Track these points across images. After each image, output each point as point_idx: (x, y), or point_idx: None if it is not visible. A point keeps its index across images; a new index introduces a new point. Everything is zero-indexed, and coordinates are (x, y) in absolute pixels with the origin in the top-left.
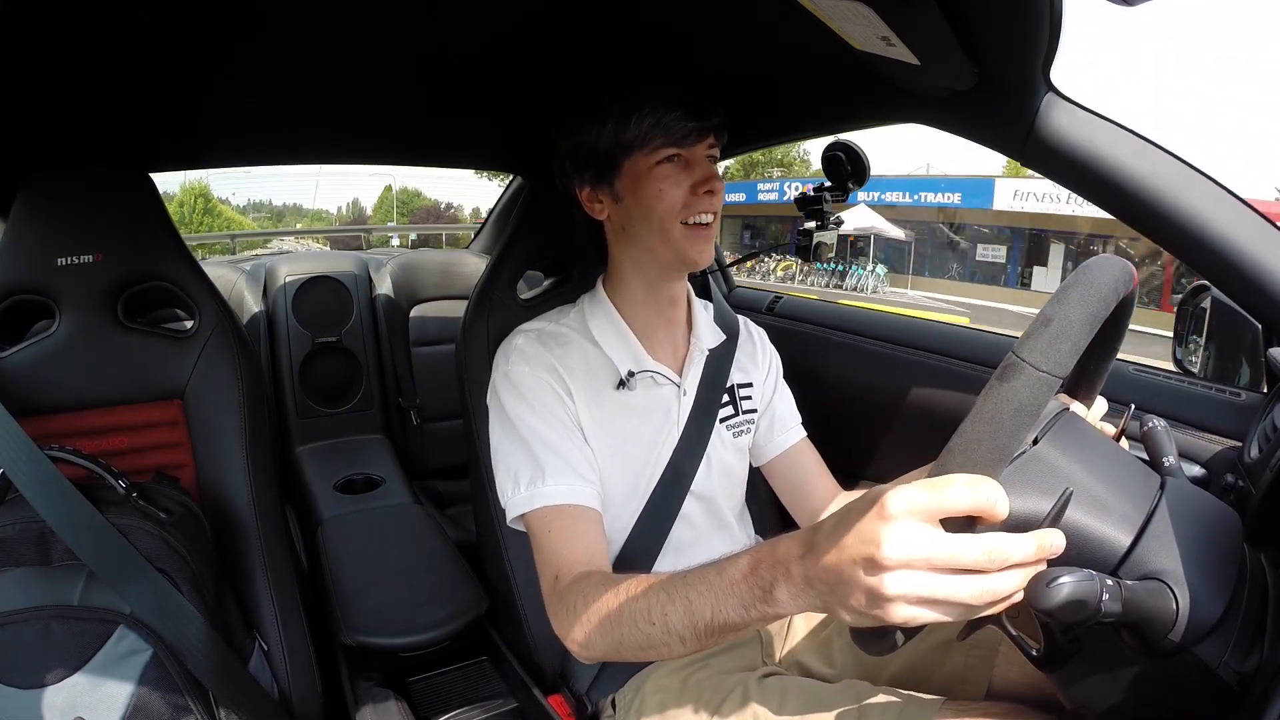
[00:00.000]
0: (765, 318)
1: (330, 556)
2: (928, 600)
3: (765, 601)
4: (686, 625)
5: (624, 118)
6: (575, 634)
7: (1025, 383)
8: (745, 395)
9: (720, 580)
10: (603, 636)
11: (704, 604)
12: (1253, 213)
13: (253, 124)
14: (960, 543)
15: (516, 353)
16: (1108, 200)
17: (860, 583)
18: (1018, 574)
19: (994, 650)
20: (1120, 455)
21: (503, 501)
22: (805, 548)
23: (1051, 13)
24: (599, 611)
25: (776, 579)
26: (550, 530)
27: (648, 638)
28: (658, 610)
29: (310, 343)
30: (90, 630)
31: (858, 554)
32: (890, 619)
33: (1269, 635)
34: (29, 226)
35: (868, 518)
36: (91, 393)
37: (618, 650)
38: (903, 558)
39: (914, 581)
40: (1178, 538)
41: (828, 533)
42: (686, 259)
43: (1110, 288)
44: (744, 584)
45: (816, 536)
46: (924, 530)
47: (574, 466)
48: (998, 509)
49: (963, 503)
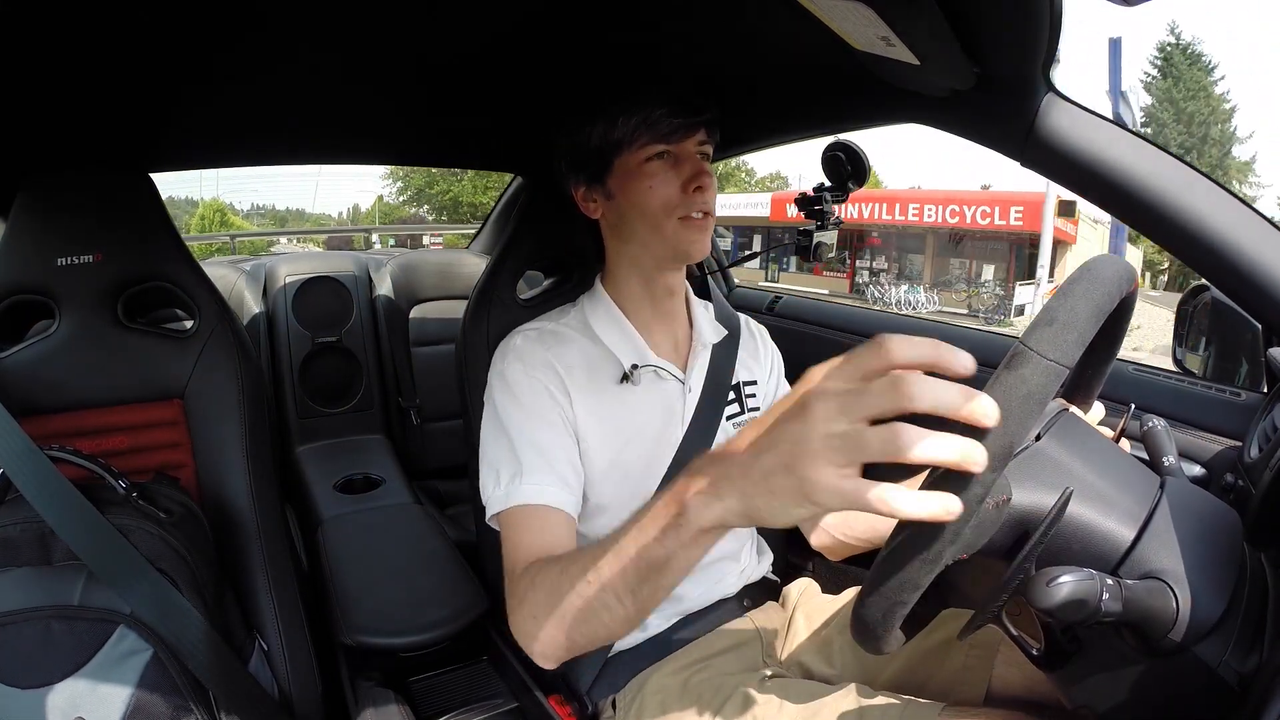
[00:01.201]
0: (765, 317)
1: (330, 556)
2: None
3: (678, 515)
4: (617, 573)
5: (613, 117)
6: (524, 625)
7: (1034, 371)
8: (750, 393)
9: (644, 513)
10: (547, 615)
11: (629, 543)
12: (1253, 213)
13: (253, 124)
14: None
15: (513, 352)
16: (1108, 200)
17: (780, 446)
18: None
19: (994, 650)
20: (1120, 455)
21: (483, 499)
22: (720, 451)
23: (1051, 13)
24: (543, 587)
25: (689, 486)
26: (517, 529)
27: (587, 603)
28: (592, 566)
29: (310, 343)
30: (90, 630)
31: (778, 418)
32: (813, 486)
33: (1269, 635)
34: (29, 226)
35: (790, 393)
36: (91, 393)
37: (562, 628)
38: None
39: (835, 433)
40: (1178, 537)
41: (745, 432)
42: (681, 253)
43: (1114, 284)
44: (662, 509)
45: (734, 440)
46: (840, 383)
47: (554, 468)
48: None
49: (868, 359)
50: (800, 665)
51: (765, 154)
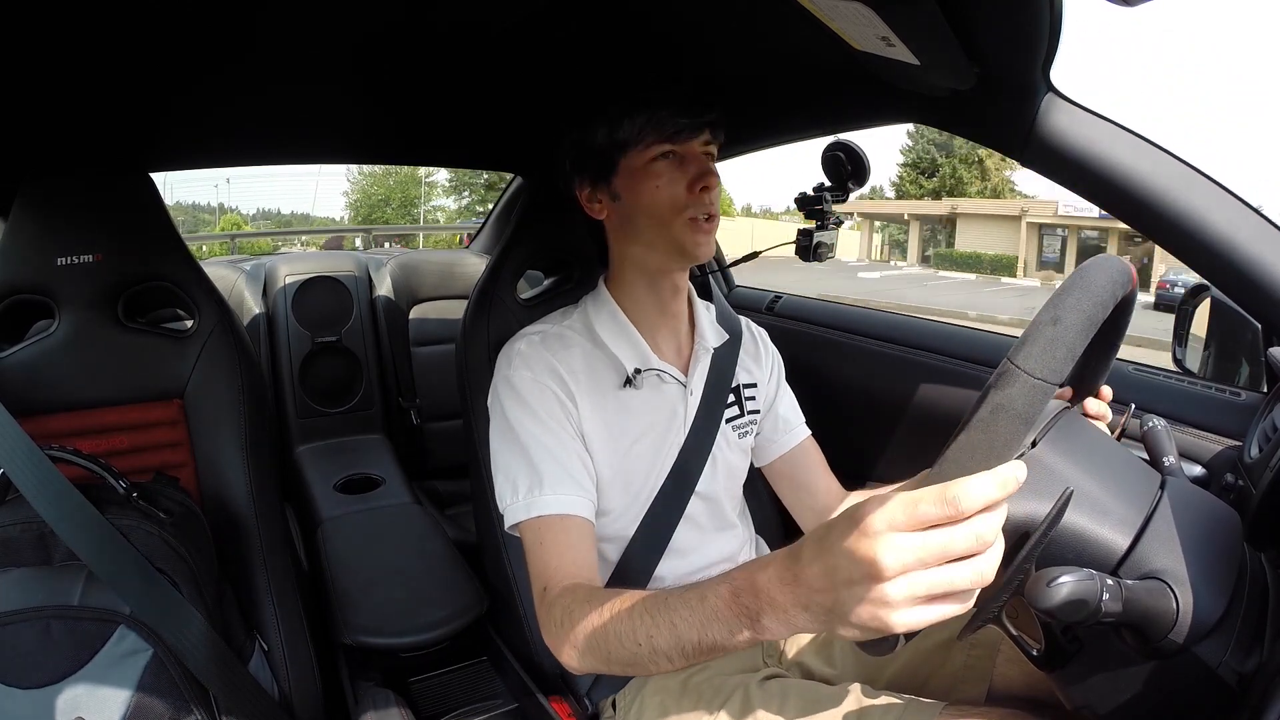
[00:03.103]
0: (766, 317)
1: (330, 556)
2: (930, 597)
3: (753, 629)
4: (673, 647)
5: (618, 117)
6: (564, 649)
7: (1020, 390)
8: (750, 395)
9: (703, 608)
10: (590, 652)
11: (689, 629)
12: (1253, 213)
13: (253, 124)
14: (946, 534)
15: (519, 357)
16: (1108, 200)
17: (862, 598)
18: (999, 545)
19: (994, 650)
20: (1120, 455)
21: (500, 508)
22: (787, 576)
23: (1051, 13)
24: (584, 629)
25: (762, 609)
26: (542, 542)
27: (634, 656)
28: (642, 632)
29: (310, 343)
30: (90, 630)
31: (853, 574)
32: (895, 626)
33: (1269, 635)
34: (29, 226)
35: (854, 539)
36: (91, 392)
37: (607, 665)
38: (900, 564)
39: (915, 583)
40: (1178, 537)
41: (810, 560)
42: (686, 253)
43: (1108, 290)
44: (727, 612)
45: (799, 566)
46: (910, 536)
47: (571, 475)
48: (962, 505)
49: (935, 514)
50: (800, 666)
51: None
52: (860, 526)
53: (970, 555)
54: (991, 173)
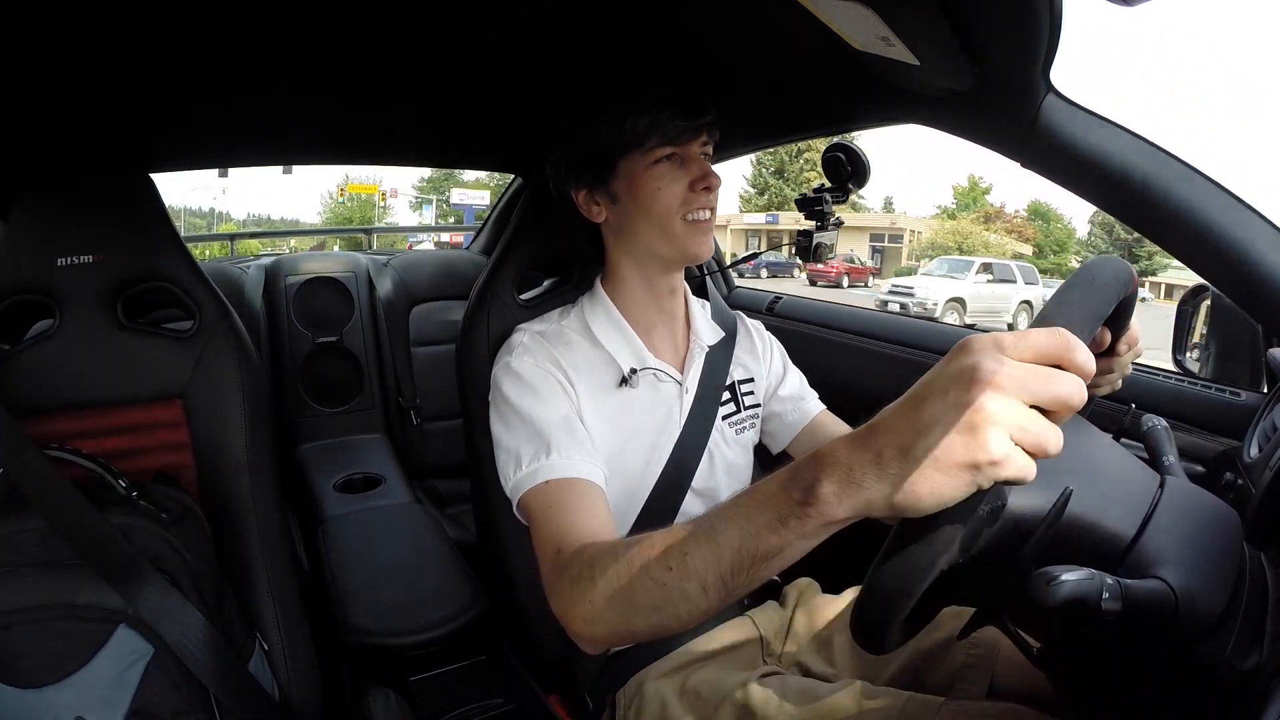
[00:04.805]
0: (765, 318)
1: (331, 556)
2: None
3: (805, 504)
4: (710, 562)
5: (618, 119)
6: (578, 609)
7: None
8: (747, 391)
9: (750, 499)
10: (610, 603)
11: (731, 530)
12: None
13: (253, 125)
14: (1052, 370)
15: (520, 348)
16: (1108, 200)
17: (955, 419)
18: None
19: (994, 650)
20: (1120, 454)
21: (505, 487)
22: (862, 431)
23: (1051, 13)
24: (606, 573)
25: (821, 472)
26: (551, 505)
27: (664, 591)
28: (676, 552)
29: (311, 343)
30: (91, 630)
31: (949, 390)
32: (992, 453)
33: (1269, 635)
34: (29, 226)
35: (953, 360)
36: (92, 393)
37: (627, 618)
38: (1007, 379)
39: (1015, 408)
40: (1178, 537)
41: (893, 406)
42: (687, 254)
43: (1111, 289)
44: (780, 493)
45: (877, 418)
46: (1018, 362)
47: (579, 442)
48: (1071, 343)
49: (1045, 343)
50: (800, 664)
51: None
52: (961, 348)
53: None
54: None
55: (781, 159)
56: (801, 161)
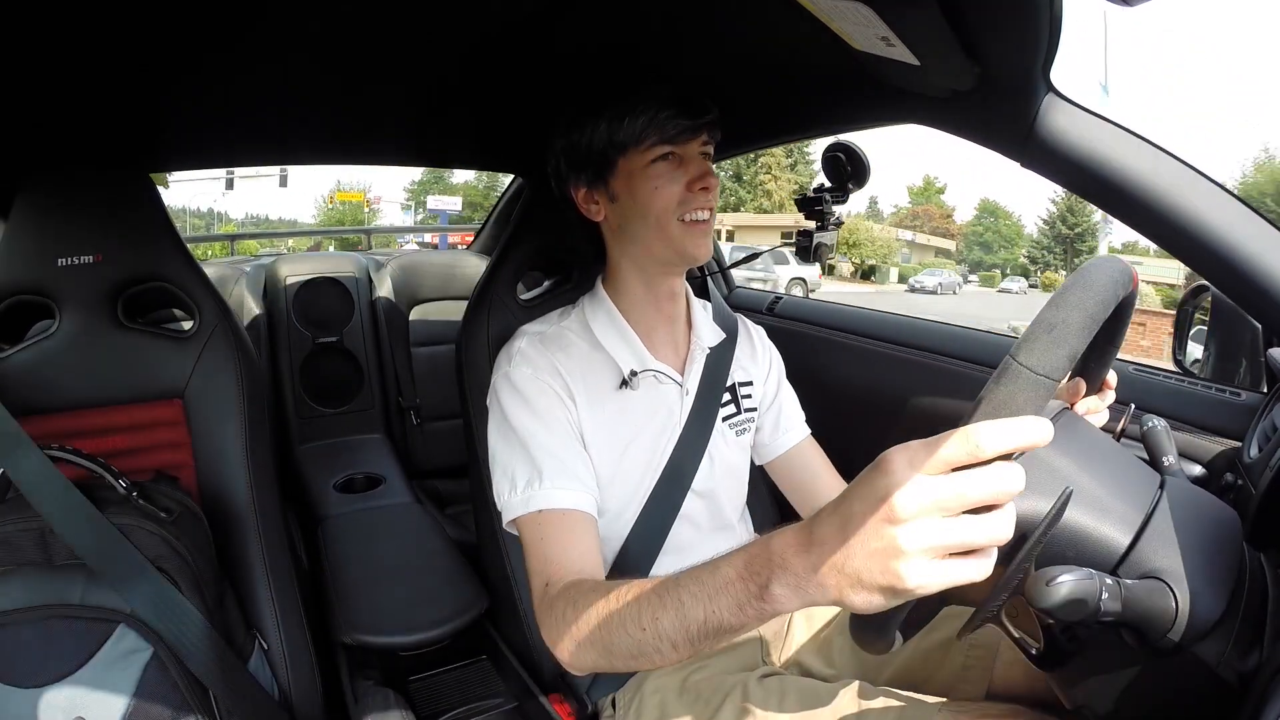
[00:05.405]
0: (765, 318)
1: (330, 556)
2: (947, 553)
3: (760, 598)
4: (678, 629)
5: (618, 117)
6: (564, 643)
7: (1022, 386)
8: (746, 394)
9: (713, 580)
10: (591, 645)
11: (696, 606)
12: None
13: (252, 124)
14: (964, 477)
15: (519, 355)
16: (1108, 201)
17: (874, 550)
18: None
19: (994, 650)
20: (1120, 455)
21: (498, 504)
22: (804, 537)
23: (1051, 13)
24: (588, 619)
25: (773, 575)
26: (543, 537)
27: (638, 644)
28: (648, 614)
29: (310, 343)
30: (91, 630)
31: (867, 521)
32: (907, 582)
33: (1269, 635)
34: (29, 226)
35: (870, 481)
36: (92, 393)
37: (608, 659)
38: (917, 505)
39: (929, 531)
40: (1178, 537)
41: (826, 517)
42: (685, 255)
43: (1109, 290)
44: (738, 583)
45: (815, 524)
46: (928, 478)
47: (572, 471)
48: (983, 444)
49: (955, 454)
50: (800, 665)
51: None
52: (878, 467)
53: (988, 508)
54: (774, 193)
55: (739, 164)
56: (757, 167)
